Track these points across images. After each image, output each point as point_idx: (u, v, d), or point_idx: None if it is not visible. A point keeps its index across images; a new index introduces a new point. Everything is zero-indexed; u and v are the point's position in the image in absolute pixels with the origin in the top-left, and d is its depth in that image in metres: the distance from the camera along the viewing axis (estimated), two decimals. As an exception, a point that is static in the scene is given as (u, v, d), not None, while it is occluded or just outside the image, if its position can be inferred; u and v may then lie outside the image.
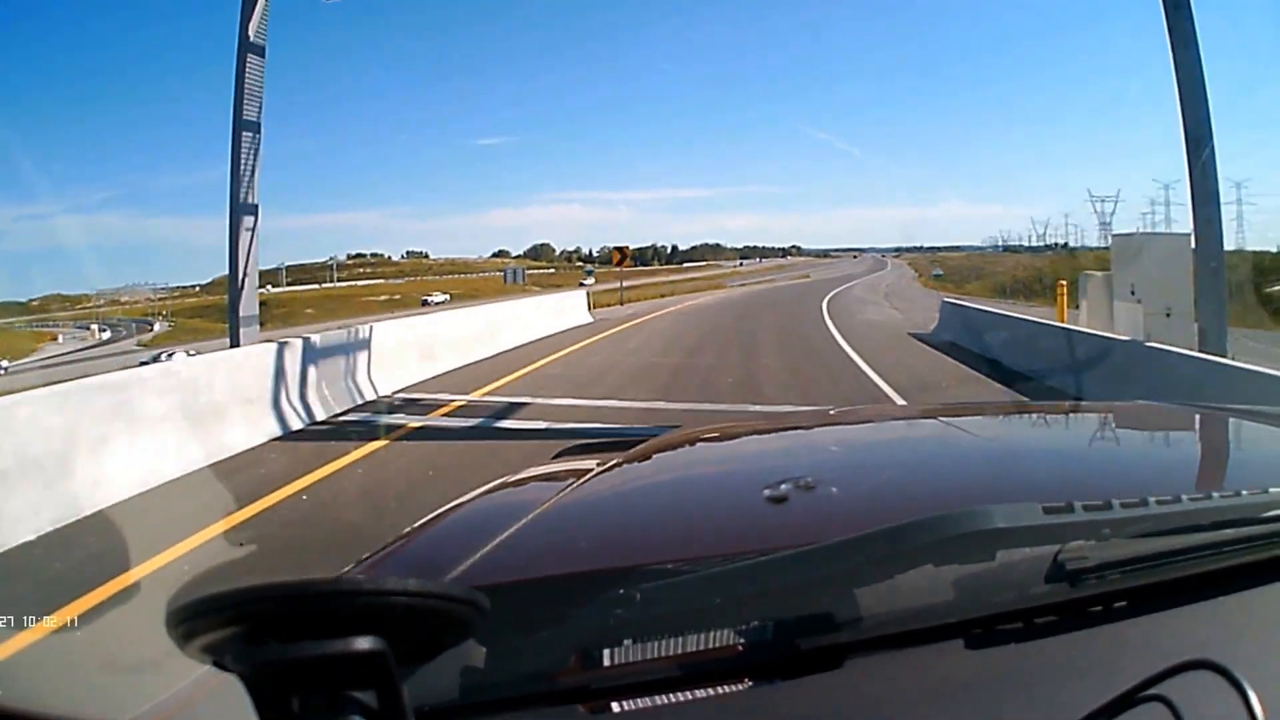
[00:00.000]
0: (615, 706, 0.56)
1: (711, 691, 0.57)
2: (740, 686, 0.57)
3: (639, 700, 0.56)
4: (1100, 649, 0.60)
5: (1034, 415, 1.47)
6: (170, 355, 17.18)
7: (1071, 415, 1.52)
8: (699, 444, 1.33)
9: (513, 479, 1.24)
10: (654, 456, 1.18)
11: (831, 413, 1.87)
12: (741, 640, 0.60)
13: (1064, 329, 8.44)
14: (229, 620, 0.38)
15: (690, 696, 0.57)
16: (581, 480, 1.01)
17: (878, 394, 7.31)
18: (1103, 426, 1.38)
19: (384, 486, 4.50)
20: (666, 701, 0.56)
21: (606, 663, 0.58)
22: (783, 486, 0.84)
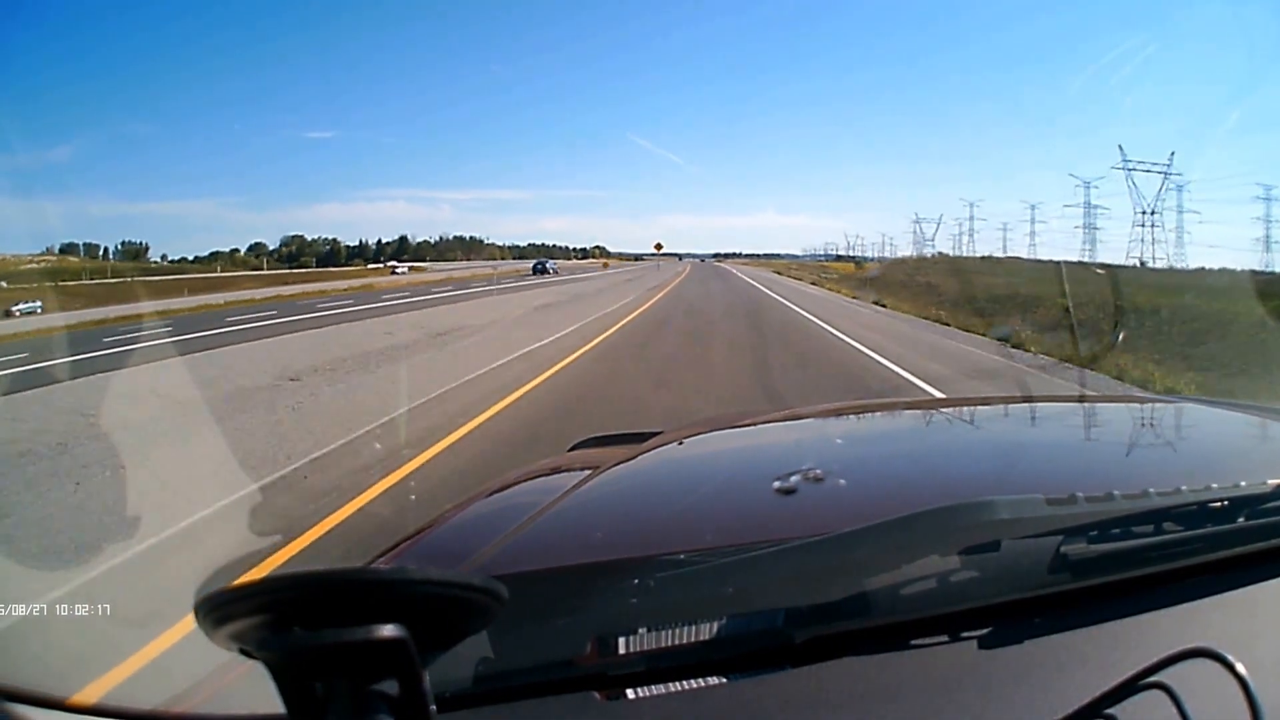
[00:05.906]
0: (630, 693, 0.57)
1: (724, 679, 0.58)
2: (752, 673, 0.58)
3: (654, 687, 0.57)
4: (1103, 638, 0.61)
5: (1039, 408, 1.48)
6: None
7: (1077, 409, 1.52)
8: (711, 436, 1.34)
9: (530, 472, 1.26)
10: (666, 449, 1.19)
11: (841, 405, 1.87)
12: (753, 628, 0.62)
13: None
14: (256, 608, 0.39)
15: (704, 683, 0.58)
16: (597, 473, 1.03)
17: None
18: (1107, 419, 1.38)
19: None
20: (681, 689, 0.57)
21: (622, 650, 0.59)
22: (792, 478, 0.85)
